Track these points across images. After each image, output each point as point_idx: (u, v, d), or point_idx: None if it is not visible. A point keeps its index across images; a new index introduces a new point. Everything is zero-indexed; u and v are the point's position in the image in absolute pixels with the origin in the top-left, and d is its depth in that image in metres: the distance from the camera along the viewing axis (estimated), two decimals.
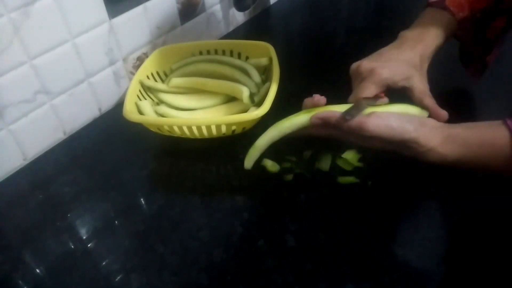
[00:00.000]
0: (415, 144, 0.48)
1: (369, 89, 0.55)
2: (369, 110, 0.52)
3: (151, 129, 0.65)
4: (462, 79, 0.71)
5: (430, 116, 0.54)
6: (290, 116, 0.54)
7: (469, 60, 0.67)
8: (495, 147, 0.46)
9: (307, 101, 0.55)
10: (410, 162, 0.52)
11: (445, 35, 0.60)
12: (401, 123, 0.48)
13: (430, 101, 0.54)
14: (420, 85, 0.55)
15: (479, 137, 0.48)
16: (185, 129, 0.62)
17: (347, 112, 0.50)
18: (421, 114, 0.54)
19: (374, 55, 0.59)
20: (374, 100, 0.54)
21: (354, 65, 0.59)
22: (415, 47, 0.58)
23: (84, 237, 0.55)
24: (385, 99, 0.55)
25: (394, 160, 0.54)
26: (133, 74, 0.77)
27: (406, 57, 0.57)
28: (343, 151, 0.60)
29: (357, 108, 0.51)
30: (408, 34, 0.60)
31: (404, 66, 0.56)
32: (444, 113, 0.53)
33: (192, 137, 0.65)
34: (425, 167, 0.52)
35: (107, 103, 0.76)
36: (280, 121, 0.54)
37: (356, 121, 0.48)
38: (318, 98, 0.54)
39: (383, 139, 0.49)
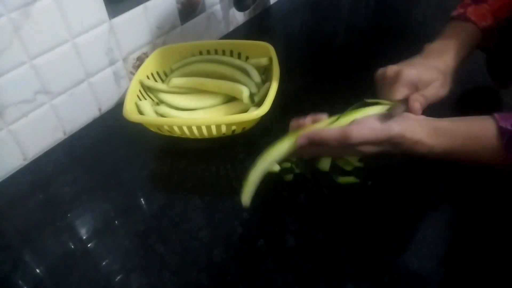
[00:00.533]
0: (401, 139, 0.48)
1: (399, 91, 0.53)
2: (345, 118, 0.51)
3: (151, 129, 0.65)
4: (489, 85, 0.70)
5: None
6: (276, 144, 0.53)
7: (496, 72, 0.66)
8: (482, 138, 0.47)
9: (294, 123, 0.54)
10: (410, 162, 0.52)
11: (470, 45, 0.59)
12: (382, 122, 0.49)
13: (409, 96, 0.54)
14: (433, 91, 0.55)
15: (466, 128, 0.48)
16: (185, 129, 0.62)
17: (390, 111, 0.51)
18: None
19: (400, 63, 0.58)
20: (405, 104, 0.53)
21: (380, 70, 0.58)
22: (440, 58, 0.57)
23: (84, 237, 0.55)
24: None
25: (394, 160, 0.54)
26: (133, 74, 0.77)
27: (433, 64, 0.56)
28: None
29: (397, 107, 0.51)
30: (433, 47, 0.59)
31: (431, 70, 0.55)
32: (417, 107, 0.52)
33: (192, 137, 0.65)
34: (425, 167, 0.52)
35: (107, 103, 0.76)
36: (268, 150, 0.53)
37: (339, 132, 0.49)
38: (303, 120, 0.53)
39: (369, 142, 0.49)
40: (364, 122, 0.49)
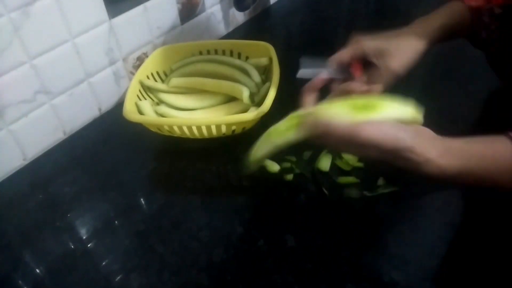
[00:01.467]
0: (410, 154, 0.45)
1: (344, 53, 0.59)
2: (357, 102, 0.49)
3: (151, 129, 0.65)
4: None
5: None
6: (282, 126, 0.49)
7: (501, 69, 0.64)
8: (498, 160, 0.44)
9: (306, 99, 0.55)
10: None
11: (453, 17, 0.60)
12: (395, 131, 0.45)
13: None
14: (390, 65, 0.57)
15: (480, 150, 0.45)
16: (185, 129, 0.62)
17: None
18: (414, 118, 0.50)
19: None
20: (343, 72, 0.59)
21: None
22: (417, 25, 0.60)
23: (84, 237, 0.55)
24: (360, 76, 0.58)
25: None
26: (133, 74, 0.77)
27: (405, 36, 0.59)
28: None
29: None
30: (416, 21, 0.62)
31: (392, 42, 0.58)
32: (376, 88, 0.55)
33: (192, 137, 0.65)
34: None
35: (107, 103, 0.76)
36: (273, 131, 0.50)
37: (348, 129, 0.46)
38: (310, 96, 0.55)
39: (376, 147, 0.45)
40: (376, 125, 0.46)
